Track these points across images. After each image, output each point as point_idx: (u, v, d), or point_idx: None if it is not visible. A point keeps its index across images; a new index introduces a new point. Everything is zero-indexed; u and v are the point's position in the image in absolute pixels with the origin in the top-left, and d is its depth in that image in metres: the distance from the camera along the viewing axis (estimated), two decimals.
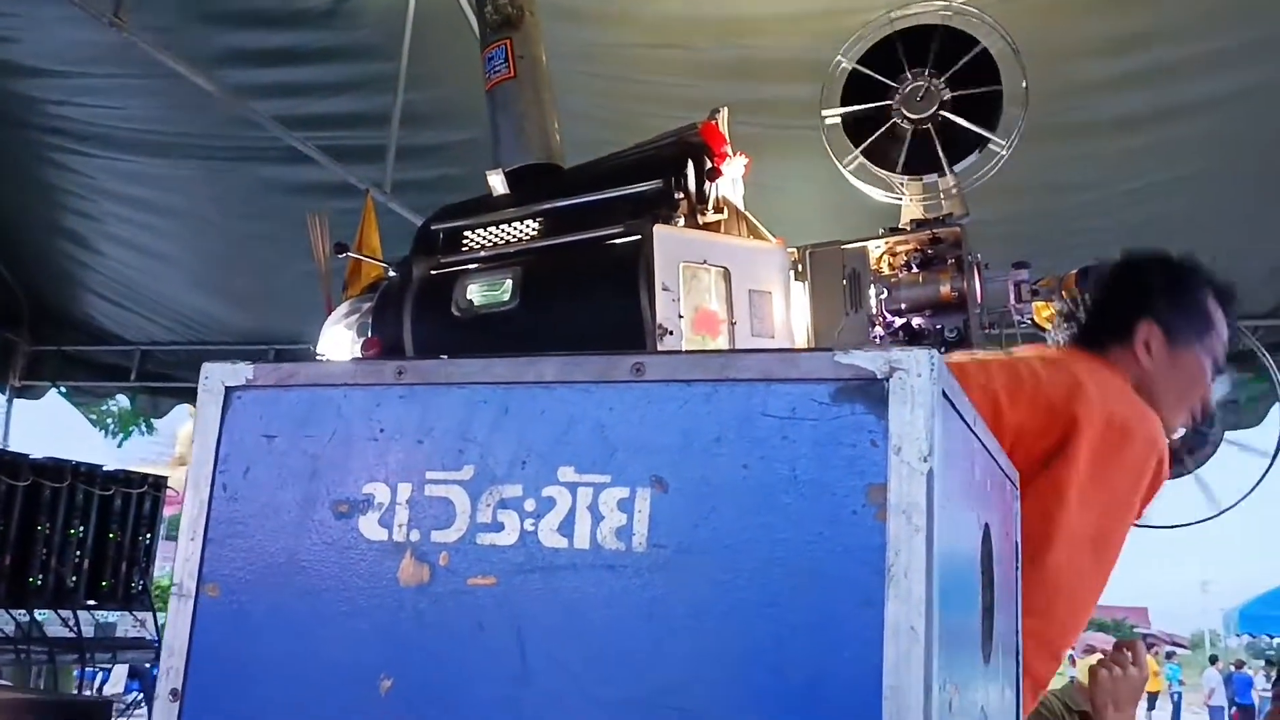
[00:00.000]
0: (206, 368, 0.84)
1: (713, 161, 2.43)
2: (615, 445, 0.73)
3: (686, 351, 0.72)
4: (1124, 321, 1.65)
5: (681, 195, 2.34)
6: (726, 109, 2.50)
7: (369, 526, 0.77)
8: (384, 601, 0.75)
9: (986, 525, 0.92)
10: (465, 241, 2.54)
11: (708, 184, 2.37)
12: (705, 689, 0.67)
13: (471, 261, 2.48)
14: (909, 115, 2.31)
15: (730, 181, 2.44)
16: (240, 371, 0.83)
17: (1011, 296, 2.27)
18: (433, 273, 2.51)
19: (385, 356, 2.52)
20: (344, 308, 2.71)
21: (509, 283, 2.38)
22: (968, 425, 0.79)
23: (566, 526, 0.72)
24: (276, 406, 0.81)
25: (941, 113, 2.29)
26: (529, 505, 0.74)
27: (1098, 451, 1.42)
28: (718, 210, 2.36)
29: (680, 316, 2.18)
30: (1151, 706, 19.09)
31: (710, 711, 0.67)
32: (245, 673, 0.77)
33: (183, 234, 5.63)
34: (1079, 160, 3.98)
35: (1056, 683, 2.56)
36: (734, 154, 2.47)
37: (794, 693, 0.65)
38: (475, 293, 2.40)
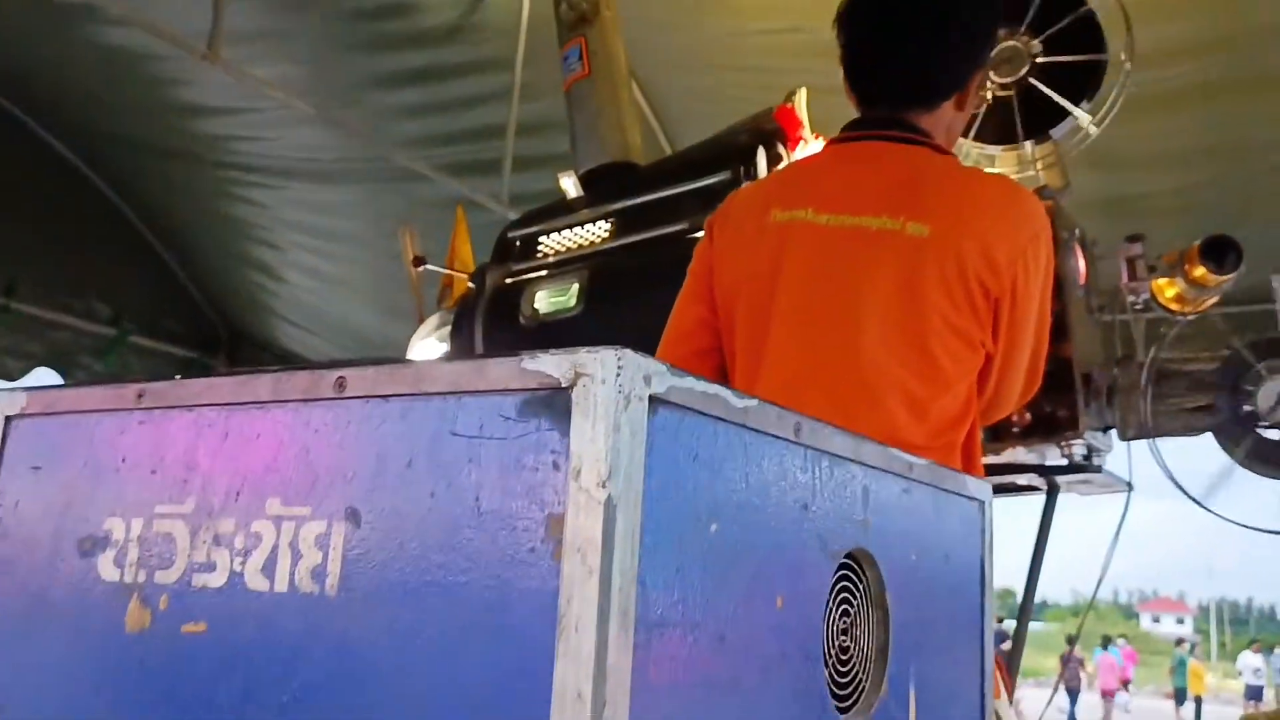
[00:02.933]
0: None
1: (786, 146, 2.28)
2: (317, 472, 0.64)
3: (390, 361, 0.62)
4: (963, 76, 1.49)
5: None
6: (805, 90, 2.34)
7: (106, 566, 0.71)
8: (112, 649, 0.69)
9: (850, 560, 0.76)
10: (540, 247, 2.50)
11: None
12: None
13: (541, 268, 2.43)
14: (994, 79, 2.07)
15: None
16: (16, 400, 0.79)
17: (1125, 274, 2.00)
18: (507, 281, 2.48)
19: None
20: (434, 319, 2.73)
21: (575, 287, 2.31)
22: (759, 433, 0.65)
23: (269, 566, 0.64)
24: (43, 436, 0.77)
25: (1030, 79, 2.04)
26: (239, 542, 0.65)
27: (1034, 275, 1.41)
28: None
29: None
30: None
31: None
32: None
33: (354, 256, 5.90)
34: (1259, 119, 3.51)
35: None
36: (813, 136, 2.31)
37: None
38: (542, 300, 2.35)
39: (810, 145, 2.30)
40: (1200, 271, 1.94)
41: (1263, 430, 1.73)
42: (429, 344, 2.69)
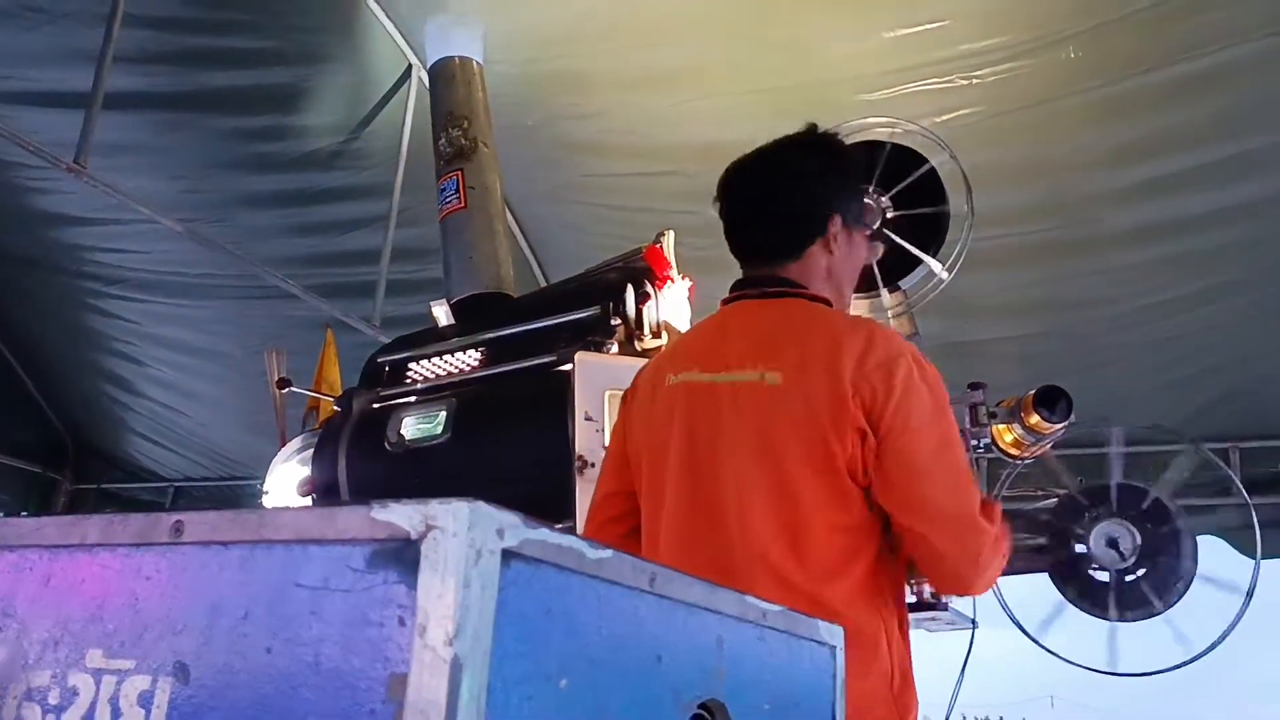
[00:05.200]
0: None
1: (654, 285, 2.34)
2: (146, 623, 0.60)
3: (233, 508, 0.60)
4: (820, 220, 1.56)
5: (619, 321, 2.25)
6: (672, 232, 2.42)
7: None
8: None
9: (704, 711, 0.76)
10: (409, 373, 2.47)
11: (646, 309, 2.27)
12: None
13: (410, 394, 2.41)
14: None
15: (674, 305, 2.34)
16: None
17: (967, 419, 2.09)
18: (374, 406, 2.44)
19: (322, 495, 2.43)
20: (296, 442, 2.65)
21: (443, 415, 2.29)
22: (606, 582, 0.65)
23: None
24: None
25: (885, 230, 2.16)
26: (53, 697, 0.61)
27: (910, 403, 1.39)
28: (656, 335, 2.25)
29: (604, 447, 2.06)
30: None
31: None
32: None
33: (217, 373, 5.72)
34: (1089, 276, 3.79)
35: None
36: (679, 277, 2.38)
37: None
38: (409, 426, 2.32)
39: (677, 285, 2.37)
40: (1035, 419, 2.04)
41: (1093, 572, 1.81)
42: (291, 467, 2.60)
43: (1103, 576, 1.80)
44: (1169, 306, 3.86)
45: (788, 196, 1.58)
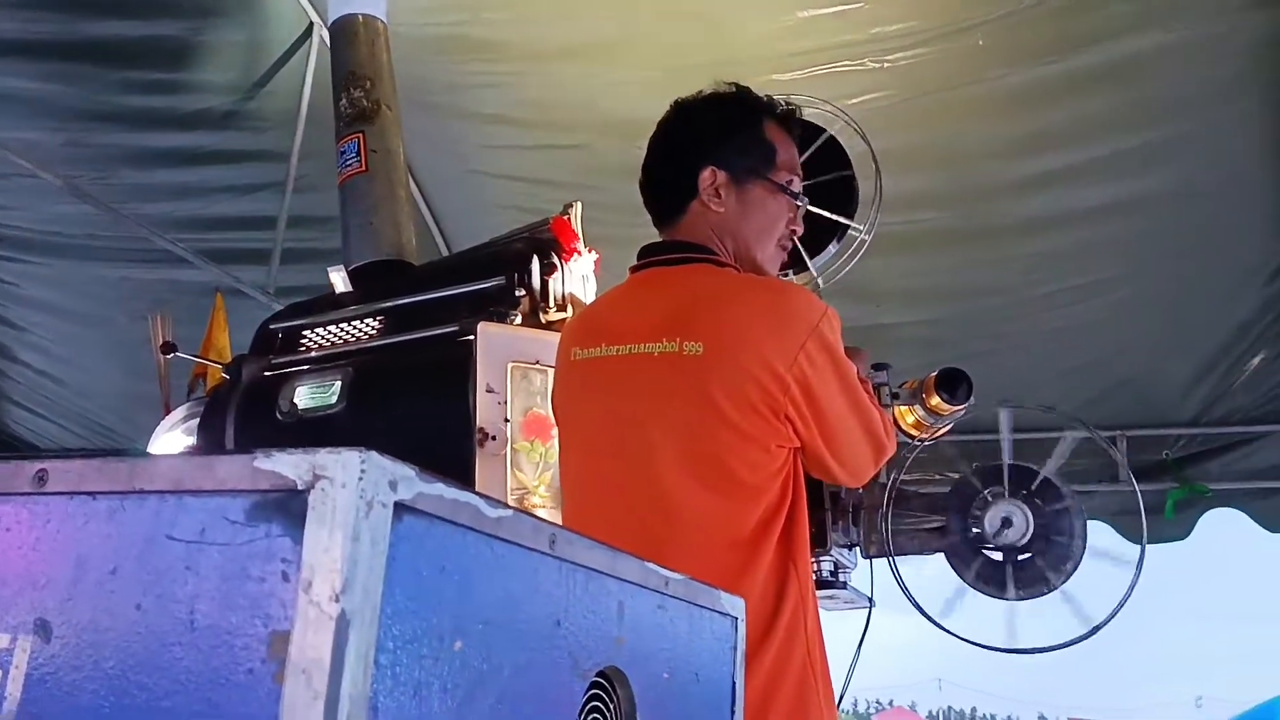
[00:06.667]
0: None
1: (560, 257, 2.30)
2: (4, 578, 0.56)
3: (103, 453, 0.55)
4: (689, 174, 1.55)
5: (524, 292, 2.21)
6: (579, 204, 2.38)
7: None
8: None
9: (602, 679, 0.74)
10: (303, 341, 2.39)
11: (551, 280, 2.24)
12: None
13: (304, 362, 2.33)
14: None
15: (580, 278, 2.31)
16: None
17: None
18: (264, 374, 2.35)
19: None
20: (181, 410, 2.55)
21: (338, 384, 2.22)
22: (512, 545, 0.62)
23: None
24: None
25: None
26: None
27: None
28: (561, 308, 2.22)
29: (506, 420, 2.03)
30: None
31: None
32: None
33: (95, 339, 5.48)
34: (990, 264, 3.89)
35: None
36: (585, 250, 2.35)
37: None
38: (303, 395, 2.24)
39: (583, 258, 2.34)
40: (936, 400, 2.07)
41: (989, 552, 1.84)
42: (174, 436, 2.50)
43: (998, 557, 1.83)
44: (1062, 297, 3.98)
45: (663, 156, 1.59)
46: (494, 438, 1.99)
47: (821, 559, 1.89)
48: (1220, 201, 3.62)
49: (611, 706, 0.77)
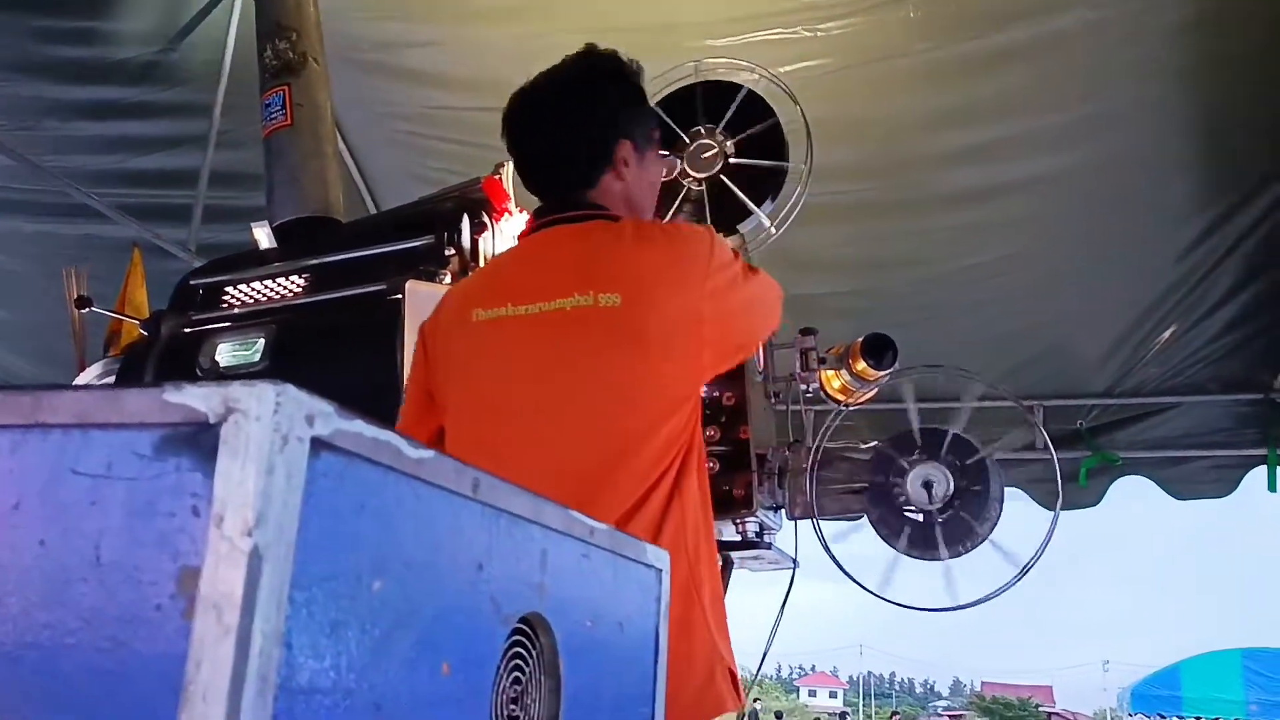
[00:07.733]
0: None
1: (491, 217, 2.28)
2: None
3: (5, 386, 0.53)
4: (604, 148, 1.57)
5: (453, 252, 2.18)
6: (511, 164, 2.36)
7: None
8: None
9: (525, 625, 0.74)
10: (225, 297, 2.34)
11: (482, 240, 2.22)
12: None
13: (225, 319, 2.28)
14: (691, 173, 2.18)
15: (511, 238, 2.29)
16: None
17: (798, 364, 2.14)
18: (184, 330, 2.30)
19: None
20: (96, 367, 2.48)
21: (261, 342, 2.18)
22: (427, 484, 0.62)
23: None
24: None
25: (722, 175, 2.16)
26: None
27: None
28: None
29: None
30: None
31: None
32: None
33: (12, 295, 5.30)
34: (914, 236, 3.95)
35: None
36: (516, 210, 2.33)
37: None
38: (224, 352, 2.19)
39: (515, 218, 2.32)
40: (861, 366, 2.11)
41: (914, 515, 1.88)
42: None
43: (921, 519, 1.87)
44: (983, 269, 4.06)
45: (572, 129, 1.57)
46: None
47: (747, 519, 1.92)
48: (1137, 179, 3.72)
49: (534, 652, 0.77)
